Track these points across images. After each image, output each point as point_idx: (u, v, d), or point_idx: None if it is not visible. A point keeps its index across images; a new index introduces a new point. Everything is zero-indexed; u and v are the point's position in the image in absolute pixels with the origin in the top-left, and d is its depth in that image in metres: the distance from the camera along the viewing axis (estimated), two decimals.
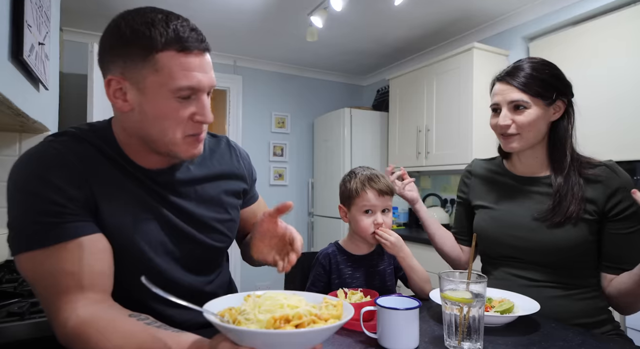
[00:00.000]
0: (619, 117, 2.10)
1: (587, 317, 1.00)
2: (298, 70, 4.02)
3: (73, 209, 0.68)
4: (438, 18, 2.79)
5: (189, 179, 0.84)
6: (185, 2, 2.54)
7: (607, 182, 1.00)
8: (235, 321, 0.56)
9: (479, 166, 1.24)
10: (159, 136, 0.72)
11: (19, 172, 0.69)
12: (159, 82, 0.68)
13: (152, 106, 0.69)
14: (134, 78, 0.68)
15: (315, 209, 3.86)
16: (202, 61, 0.71)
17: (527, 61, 1.05)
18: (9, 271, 1.36)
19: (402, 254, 1.09)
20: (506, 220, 1.09)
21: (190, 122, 0.72)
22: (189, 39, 0.68)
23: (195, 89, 0.70)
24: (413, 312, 0.76)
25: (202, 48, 0.71)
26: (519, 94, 1.00)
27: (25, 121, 1.35)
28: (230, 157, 0.95)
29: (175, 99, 0.69)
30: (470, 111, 2.57)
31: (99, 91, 2.52)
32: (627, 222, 0.99)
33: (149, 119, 0.70)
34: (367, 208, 1.10)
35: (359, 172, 1.15)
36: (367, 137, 3.55)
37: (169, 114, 0.70)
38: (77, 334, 0.63)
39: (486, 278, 0.78)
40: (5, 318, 0.89)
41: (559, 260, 1.01)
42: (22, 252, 0.66)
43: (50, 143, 0.72)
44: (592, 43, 2.26)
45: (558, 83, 1.03)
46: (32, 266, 0.66)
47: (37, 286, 0.67)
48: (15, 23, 1.09)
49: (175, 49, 0.67)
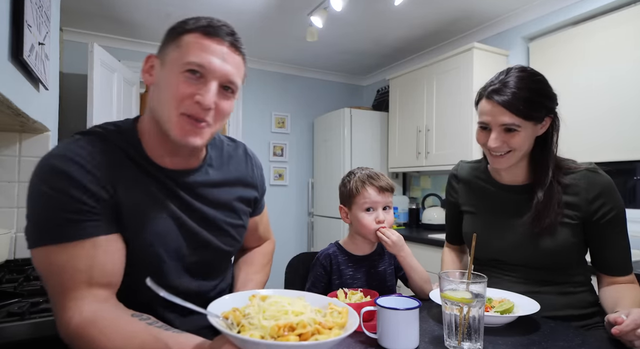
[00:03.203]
0: (619, 117, 2.10)
1: (573, 309, 1.02)
2: (298, 70, 4.02)
3: (94, 207, 0.68)
4: (438, 18, 2.79)
5: (207, 182, 0.85)
6: (185, 2, 2.54)
7: (588, 188, 1.01)
8: (239, 324, 0.56)
9: (465, 170, 1.24)
10: (161, 111, 0.73)
11: (44, 167, 0.69)
12: (176, 57, 0.72)
13: (165, 78, 0.73)
14: (162, 55, 0.75)
15: (315, 209, 3.86)
16: (223, 50, 0.73)
17: (515, 77, 0.99)
18: (9, 271, 1.36)
19: (402, 253, 1.09)
20: (492, 226, 1.11)
21: (189, 100, 0.71)
22: (217, 28, 0.73)
23: (205, 68, 0.71)
24: (413, 312, 0.76)
25: (228, 40, 0.74)
26: (510, 118, 0.97)
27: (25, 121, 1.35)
28: (245, 165, 0.97)
29: (183, 74, 0.71)
30: (470, 111, 2.56)
31: (99, 90, 2.52)
32: (610, 225, 1.00)
33: (160, 91, 0.74)
34: (368, 206, 1.10)
35: (357, 172, 1.15)
36: (367, 137, 3.54)
37: (173, 87, 0.71)
38: (80, 334, 0.63)
39: (486, 278, 0.78)
40: (5, 318, 0.89)
41: (543, 263, 1.04)
42: (39, 246, 0.67)
43: (77, 141, 0.73)
44: (592, 43, 2.26)
45: (547, 101, 1.01)
46: (46, 259, 0.67)
47: (48, 281, 0.68)
48: (15, 23, 1.09)
49: (201, 32, 0.73)
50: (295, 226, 3.99)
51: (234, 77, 0.75)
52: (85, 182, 0.68)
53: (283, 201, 3.91)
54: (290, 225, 3.95)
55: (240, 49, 0.77)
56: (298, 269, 1.30)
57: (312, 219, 3.94)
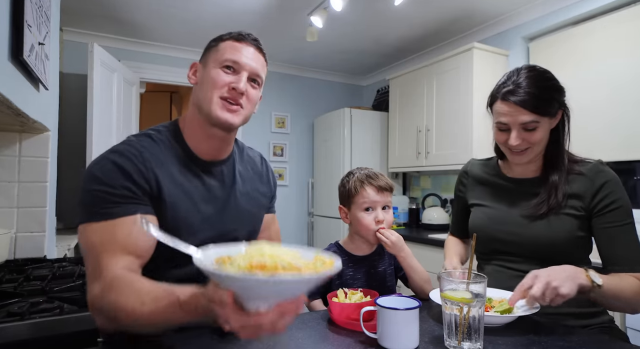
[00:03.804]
0: (619, 117, 2.09)
1: (576, 307, 1.02)
2: (298, 70, 4.02)
3: (137, 194, 0.83)
4: (438, 18, 2.79)
5: (235, 172, 1.01)
6: (185, 2, 2.53)
7: (594, 177, 1.04)
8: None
9: (475, 166, 1.28)
10: (204, 98, 0.90)
11: (102, 159, 0.84)
12: (214, 58, 0.92)
13: (206, 75, 0.92)
14: (204, 61, 0.96)
15: (315, 209, 3.86)
16: (250, 51, 0.94)
17: (526, 76, 1.03)
18: (9, 271, 1.36)
19: (402, 253, 1.09)
20: (498, 217, 1.13)
21: (227, 87, 0.90)
22: (245, 35, 0.95)
23: (237, 63, 0.91)
24: (413, 312, 0.76)
25: (254, 44, 0.95)
26: (529, 116, 1.01)
27: (25, 121, 1.35)
28: (261, 166, 1.12)
29: (221, 69, 0.90)
30: (470, 111, 2.57)
31: (99, 90, 2.52)
32: (616, 217, 1.01)
33: (202, 85, 0.92)
34: (367, 205, 1.10)
35: (356, 172, 1.16)
36: (367, 137, 3.54)
37: (214, 79, 0.90)
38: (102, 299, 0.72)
39: (486, 278, 0.78)
40: (5, 318, 0.89)
41: (547, 253, 1.04)
42: (85, 222, 0.79)
43: (130, 141, 0.90)
44: (592, 43, 2.26)
45: (559, 95, 1.05)
46: (91, 235, 0.79)
47: (90, 252, 0.79)
48: (15, 23, 1.09)
49: (234, 38, 0.94)
50: (295, 226, 3.99)
51: (260, 72, 0.95)
52: (131, 172, 0.82)
53: (283, 201, 3.90)
54: (290, 225, 3.95)
55: (263, 51, 0.97)
56: None
57: (312, 219, 3.94)
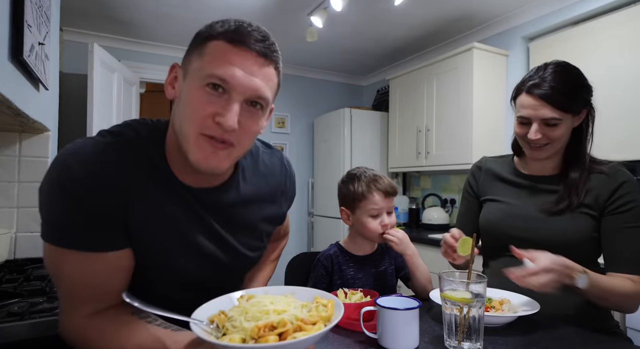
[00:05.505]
0: (619, 117, 2.09)
1: (584, 311, 1.00)
2: (298, 70, 4.02)
3: (106, 219, 0.64)
4: (438, 18, 2.79)
5: (234, 200, 0.79)
6: (185, 2, 2.53)
7: (615, 175, 1.03)
8: (224, 327, 0.56)
9: (490, 162, 1.26)
10: (180, 132, 0.66)
11: (61, 167, 0.63)
12: (198, 67, 0.64)
13: (186, 93, 0.65)
14: (185, 64, 0.67)
15: (315, 209, 3.86)
16: (250, 61, 0.64)
17: (553, 71, 1.02)
18: (9, 271, 1.36)
19: (409, 251, 1.09)
20: (512, 212, 1.12)
21: (210, 120, 0.63)
22: (246, 36, 0.64)
23: (227, 82, 0.62)
24: (413, 312, 0.76)
25: (258, 48, 0.64)
26: (551, 112, 0.99)
27: (25, 121, 1.35)
28: (279, 175, 0.91)
29: (204, 88, 0.63)
30: (470, 111, 2.55)
31: (98, 91, 2.52)
32: (627, 217, 1.00)
33: (180, 106, 0.66)
34: (375, 212, 1.10)
35: (360, 174, 1.14)
36: (367, 137, 3.54)
37: (193, 104, 0.63)
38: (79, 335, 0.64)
39: (486, 278, 0.78)
40: (5, 318, 0.89)
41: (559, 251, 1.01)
42: (48, 243, 0.64)
43: (104, 145, 0.66)
44: (591, 43, 2.25)
45: (585, 94, 1.04)
46: (55, 259, 0.64)
47: (55, 280, 0.67)
48: (15, 23, 1.09)
49: (226, 39, 0.63)
50: (295, 226, 3.99)
51: (263, 91, 0.65)
52: (99, 192, 0.62)
53: None
54: (290, 225, 3.94)
55: (272, 57, 0.67)
56: (298, 269, 1.30)
57: (312, 219, 3.94)
